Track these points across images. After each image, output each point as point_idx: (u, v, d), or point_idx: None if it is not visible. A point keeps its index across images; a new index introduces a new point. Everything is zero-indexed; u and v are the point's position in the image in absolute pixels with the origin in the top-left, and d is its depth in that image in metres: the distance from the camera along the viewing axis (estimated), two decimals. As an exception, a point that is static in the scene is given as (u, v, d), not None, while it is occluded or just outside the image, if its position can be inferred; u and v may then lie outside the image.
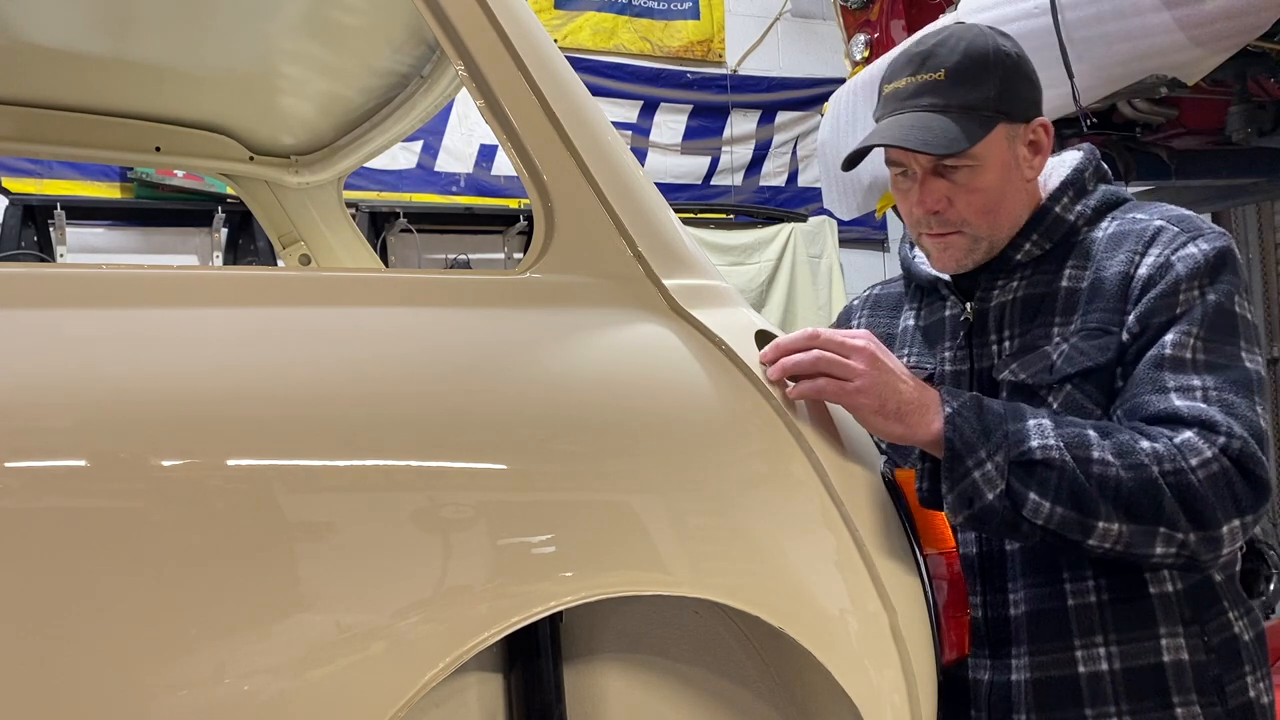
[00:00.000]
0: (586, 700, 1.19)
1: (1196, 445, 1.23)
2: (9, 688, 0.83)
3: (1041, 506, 1.23)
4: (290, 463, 0.95)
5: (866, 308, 1.65)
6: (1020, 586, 1.36)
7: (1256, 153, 3.49)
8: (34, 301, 0.94)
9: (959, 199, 1.39)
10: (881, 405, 1.25)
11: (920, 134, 1.35)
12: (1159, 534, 1.23)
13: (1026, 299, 1.42)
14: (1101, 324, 1.35)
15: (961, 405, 1.26)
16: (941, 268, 1.47)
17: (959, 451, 1.24)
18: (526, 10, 1.18)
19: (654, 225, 1.21)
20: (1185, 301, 1.31)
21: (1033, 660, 1.34)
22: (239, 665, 0.89)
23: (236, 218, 5.41)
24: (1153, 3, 2.58)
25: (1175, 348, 1.29)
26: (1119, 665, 1.31)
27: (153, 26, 1.73)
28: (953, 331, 1.47)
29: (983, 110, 1.36)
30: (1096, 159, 1.50)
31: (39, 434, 0.87)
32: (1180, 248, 1.34)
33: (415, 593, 0.96)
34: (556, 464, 1.06)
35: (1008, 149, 1.39)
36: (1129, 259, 1.36)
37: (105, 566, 0.87)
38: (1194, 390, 1.27)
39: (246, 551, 0.91)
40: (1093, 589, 1.33)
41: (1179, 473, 1.22)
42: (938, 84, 1.37)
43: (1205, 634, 1.33)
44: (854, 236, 7.06)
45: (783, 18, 7.31)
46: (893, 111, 1.40)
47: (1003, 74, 1.38)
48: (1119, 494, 1.22)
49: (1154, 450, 1.24)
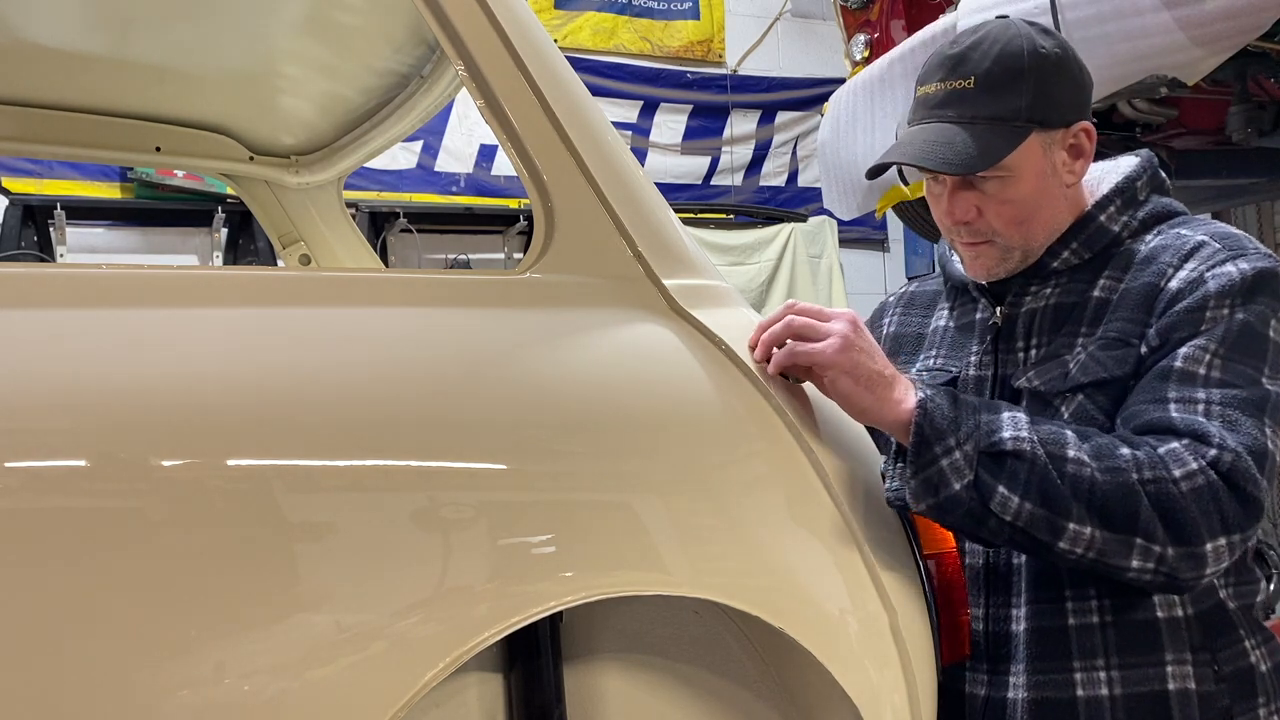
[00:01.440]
0: (586, 700, 1.19)
1: (1181, 456, 1.17)
2: (9, 688, 0.83)
3: (1010, 501, 1.17)
4: (291, 463, 0.95)
5: (900, 305, 1.59)
6: (1024, 601, 1.30)
7: (1256, 153, 3.49)
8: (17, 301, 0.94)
9: (989, 210, 1.33)
10: (853, 367, 1.20)
11: (941, 151, 1.29)
12: (1135, 545, 1.17)
13: (1058, 307, 1.36)
14: (1121, 334, 1.28)
15: (935, 393, 1.22)
16: (974, 275, 1.41)
17: (927, 437, 1.19)
18: (526, 10, 1.18)
19: (654, 225, 1.21)
20: (1212, 319, 1.24)
21: (1030, 679, 1.28)
22: (239, 665, 0.89)
23: (236, 218, 5.42)
24: (1153, 3, 2.58)
25: (1187, 361, 1.23)
26: (1119, 691, 1.25)
27: (153, 26, 1.73)
28: (980, 336, 1.42)
29: (1013, 121, 1.29)
30: (1153, 167, 1.42)
31: (35, 434, 0.88)
32: (1217, 265, 1.26)
33: (415, 593, 0.96)
34: (556, 464, 1.06)
35: (1043, 157, 1.32)
36: (1162, 271, 1.29)
37: (105, 566, 0.87)
38: (1195, 403, 1.21)
39: (246, 551, 0.91)
40: (1095, 609, 1.27)
41: (1159, 481, 1.16)
42: (966, 93, 1.31)
43: (1216, 662, 1.26)
44: (854, 236, 7.06)
45: (783, 18, 7.32)
46: (920, 119, 1.35)
47: (1037, 79, 1.30)
48: (1093, 496, 1.16)
49: (1134, 457, 1.18)
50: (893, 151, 1.36)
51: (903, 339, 1.55)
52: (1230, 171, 3.75)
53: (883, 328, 1.59)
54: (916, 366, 1.49)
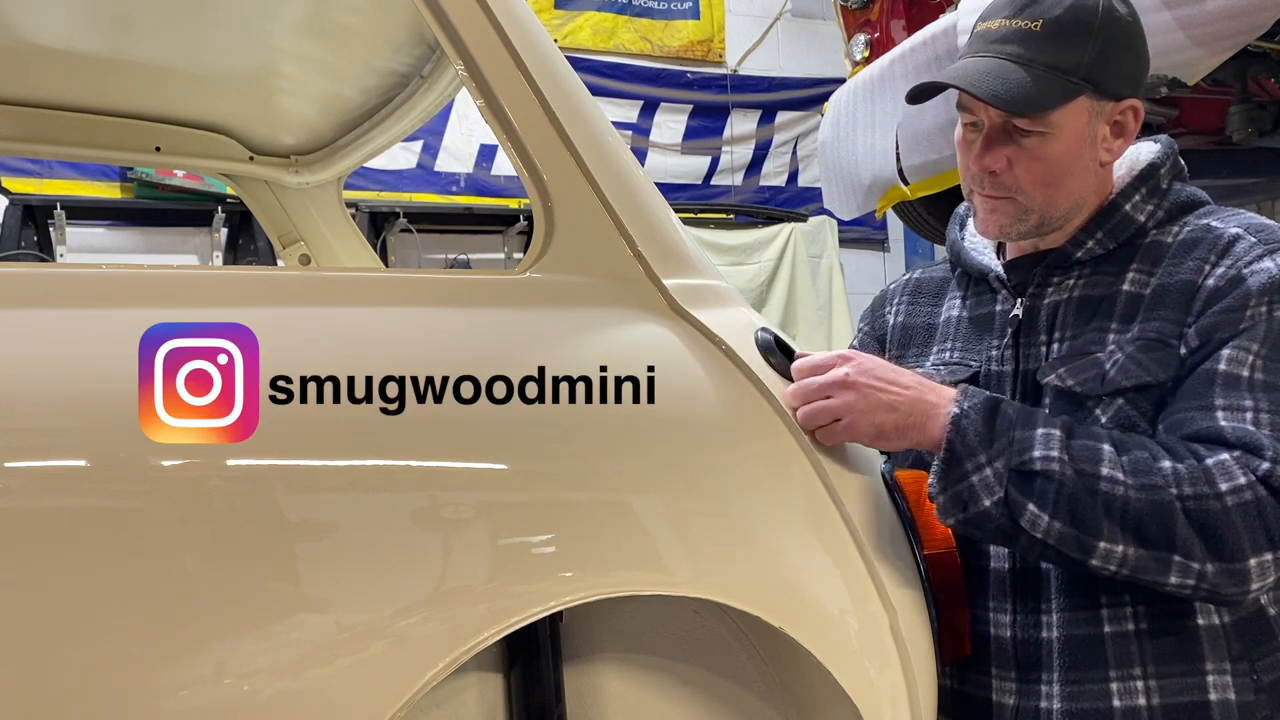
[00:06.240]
0: (586, 700, 1.19)
1: (1230, 469, 1.13)
2: (9, 687, 0.83)
3: (1040, 519, 1.16)
4: (291, 462, 0.95)
5: (905, 294, 1.54)
6: (1055, 609, 1.27)
7: (1256, 153, 3.49)
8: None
9: (1020, 164, 1.29)
10: (878, 430, 1.20)
11: (993, 84, 1.25)
12: (1172, 562, 1.14)
13: (1084, 299, 1.31)
14: (1161, 334, 1.24)
15: (971, 407, 1.20)
16: (983, 231, 1.37)
17: (958, 454, 1.18)
18: (526, 10, 1.18)
19: (654, 225, 1.21)
20: (1251, 318, 1.20)
21: (1064, 689, 1.24)
22: (239, 665, 0.89)
23: (236, 218, 5.43)
24: (1153, 3, 2.58)
25: (1231, 363, 1.19)
26: (1158, 701, 1.21)
27: (153, 26, 1.73)
28: (1000, 329, 1.37)
29: (1071, 75, 1.25)
30: (1174, 154, 1.38)
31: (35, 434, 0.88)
32: (1255, 261, 1.23)
33: (415, 593, 0.96)
34: (556, 463, 1.06)
35: (1087, 124, 1.28)
36: (1198, 267, 1.25)
37: (105, 566, 0.87)
38: (1244, 411, 1.17)
39: (246, 551, 0.91)
40: (1131, 616, 1.24)
41: (1200, 498, 1.13)
42: (1030, 34, 1.26)
43: (1255, 672, 1.23)
44: (854, 236, 7.07)
45: (783, 18, 7.33)
46: (976, 52, 1.30)
47: (1106, 40, 1.26)
48: (1126, 515, 1.14)
49: (1175, 471, 1.14)
50: (944, 74, 1.31)
51: (912, 330, 1.50)
52: (1230, 171, 3.75)
53: (886, 317, 1.54)
54: (931, 360, 1.44)
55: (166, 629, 0.88)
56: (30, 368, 0.91)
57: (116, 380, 0.91)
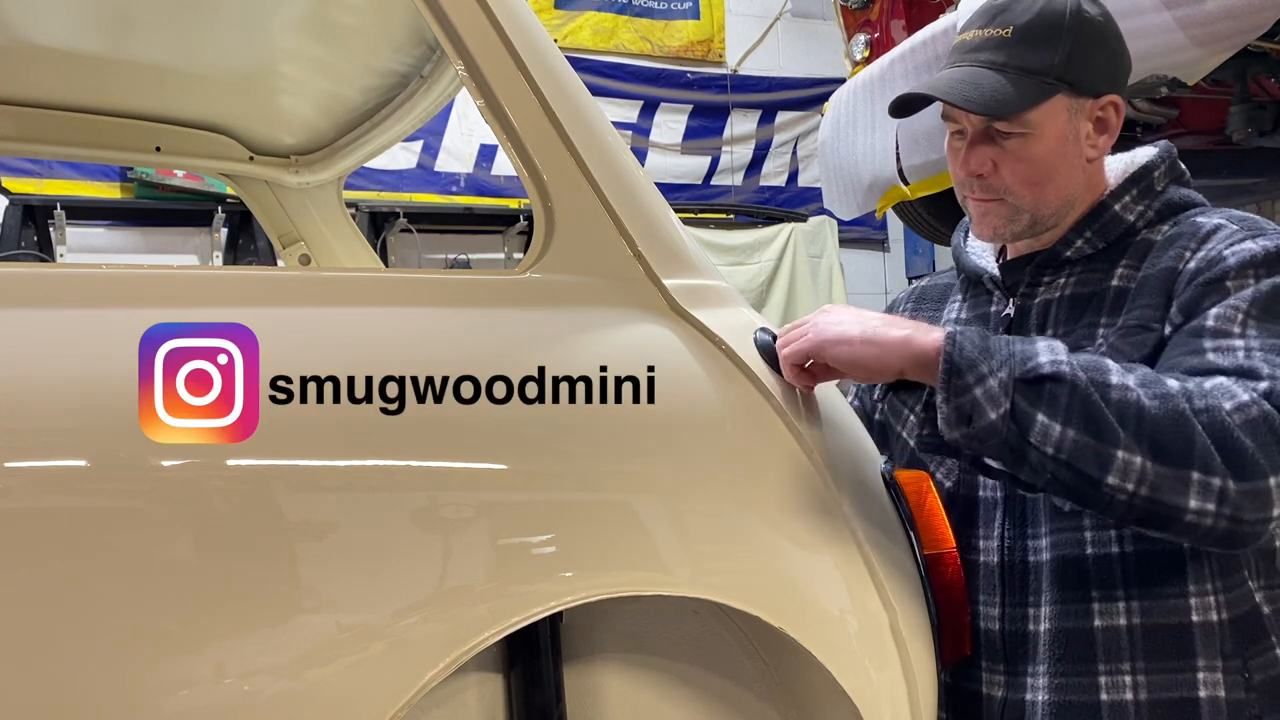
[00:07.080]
0: (586, 700, 1.19)
1: (1230, 389, 1.10)
2: (10, 687, 0.83)
3: (1051, 429, 1.10)
4: (291, 463, 0.95)
5: (911, 300, 1.57)
6: (1045, 601, 1.26)
7: (1256, 153, 3.49)
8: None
9: (1005, 165, 1.32)
10: (842, 335, 1.18)
11: (967, 90, 1.29)
12: (1192, 480, 1.08)
13: (1074, 297, 1.33)
14: (1143, 320, 1.25)
15: (964, 328, 1.18)
16: (980, 234, 1.39)
17: (958, 365, 1.13)
18: (526, 10, 1.18)
19: (654, 225, 1.21)
20: (1235, 287, 1.20)
21: (1052, 681, 1.24)
22: (239, 665, 0.89)
23: (236, 218, 5.43)
24: (1153, 3, 2.58)
25: (1219, 320, 1.18)
26: (1145, 696, 1.21)
27: (153, 26, 1.73)
28: (994, 328, 1.38)
29: (1043, 76, 1.28)
30: (1172, 157, 1.39)
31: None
32: (1238, 242, 1.24)
33: (415, 593, 0.96)
34: (557, 463, 1.06)
35: (1067, 122, 1.31)
36: (1179, 255, 1.26)
37: (106, 566, 0.87)
38: (1235, 350, 1.15)
39: (247, 552, 0.91)
40: (1123, 610, 1.23)
41: (1212, 411, 1.09)
42: (1002, 41, 1.30)
43: (1247, 670, 1.21)
44: (854, 236, 7.07)
45: (783, 18, 7.33)
46: (954, 63, 1.34)
47: (1075, 40, 1.29)
48: (1141, 422, 1.09)
49: (1183, 388, 1.11)
50: (921, 85, 1.35)
51: None
52: (1230, 171, 3.75)
53: None
54: None
55: (167, 629, 0.88)
56: (30, 368, 0.91)
57: (116, 380, 0.91)
